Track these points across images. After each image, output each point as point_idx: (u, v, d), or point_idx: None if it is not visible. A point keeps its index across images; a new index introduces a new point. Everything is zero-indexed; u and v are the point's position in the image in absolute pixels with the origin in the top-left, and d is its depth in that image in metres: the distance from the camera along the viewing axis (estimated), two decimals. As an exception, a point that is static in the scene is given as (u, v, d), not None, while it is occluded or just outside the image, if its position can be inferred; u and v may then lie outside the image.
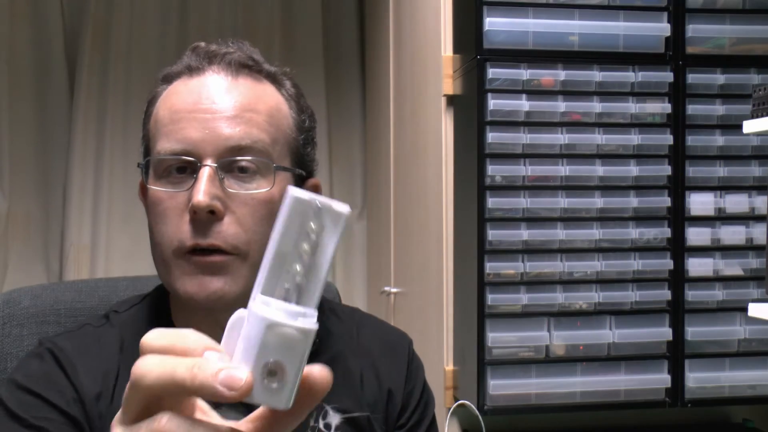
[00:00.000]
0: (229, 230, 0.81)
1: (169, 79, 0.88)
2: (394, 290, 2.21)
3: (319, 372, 0.46)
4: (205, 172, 0.80)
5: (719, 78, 1.57)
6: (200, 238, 0.80)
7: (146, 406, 0.44)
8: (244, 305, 0.45)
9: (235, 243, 0.81)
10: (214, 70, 0.85)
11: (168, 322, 0.88)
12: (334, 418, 0.89)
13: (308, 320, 0.44)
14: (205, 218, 0.80)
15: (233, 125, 0.82)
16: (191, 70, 0.86)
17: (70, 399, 0.80)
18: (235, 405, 0.48)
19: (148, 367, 0.43)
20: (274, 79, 0.89)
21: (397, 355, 0.99)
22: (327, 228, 0.45)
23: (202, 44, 0.88)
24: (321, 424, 0.88)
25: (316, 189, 0.94)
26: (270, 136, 0.84)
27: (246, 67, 0.87)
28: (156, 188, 0.83)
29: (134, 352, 0.85)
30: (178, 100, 0.84)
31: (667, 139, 1.55)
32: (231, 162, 0.81)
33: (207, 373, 0.42)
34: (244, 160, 0.82)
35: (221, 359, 0.43)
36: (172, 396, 0.44)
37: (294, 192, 0.44)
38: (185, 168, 0.82)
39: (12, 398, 0.80)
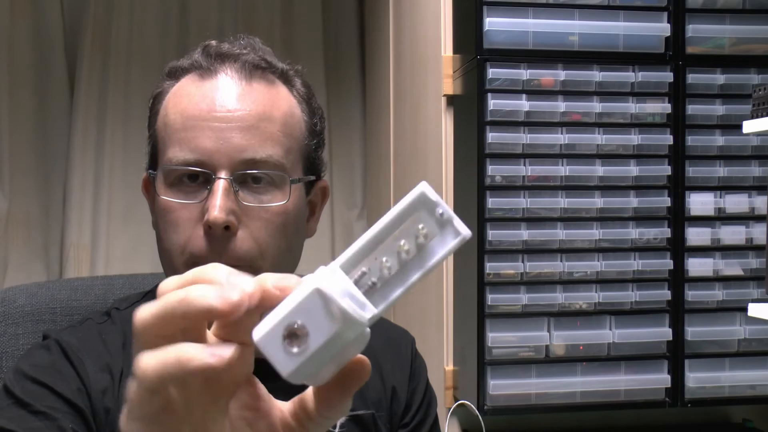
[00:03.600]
0: (243, 246, 0.80)
1: (176, 75, 0.86)
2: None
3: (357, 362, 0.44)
4: (221, 186, 0.78)
5: (719, 78, 1.57)
6: (215, 256, 0.79)
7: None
8: None
9: (249, 258, 0.80)
10: (227, 72, 0.83)
11: None
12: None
13: (361, 312, 0.41)
14: (219, 233, 0.79)
15: (248, 136, 0.80)
16: (201, 70, 0.84)
17: (75, 389, 0.80)
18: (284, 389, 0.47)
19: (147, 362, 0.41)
20: (286, 79, 0.87)
21: (400, 353, 0.99)
22: (438, 240, 0.42)
23: (213, 43, 0.86)
24: None
25: (324, 191, 0.94)
26: (284, 146, 0.83)
27: (259, 69, 0.84)
28: (168, 198, 0.81)
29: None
30: (190, 104, 0.82)
31: (667, 139, 1.55)
32: (245, 174, 0.80)
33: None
34: (259, 172, 0.81)
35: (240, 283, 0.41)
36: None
37: (424, 186, 0.42)
38: (197, 176, 0.81)
39: (18, 386, 0.80)
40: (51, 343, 0.85)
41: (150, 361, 0.41)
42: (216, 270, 0.42)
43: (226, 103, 0.81)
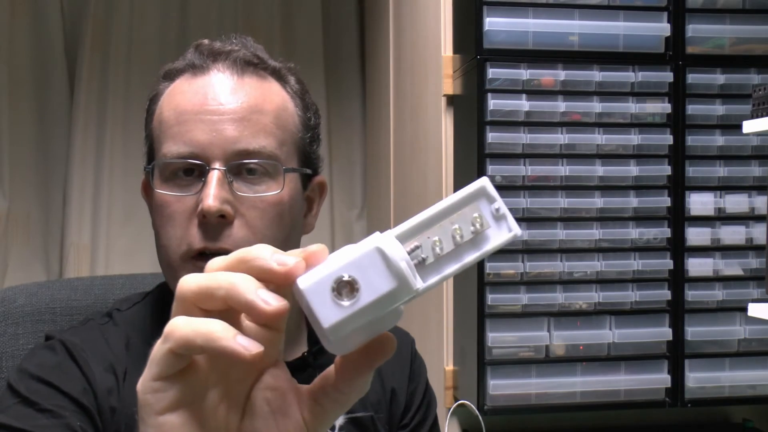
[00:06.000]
0: (238, 234, 0.80)
1: (171, 77, 0.87)
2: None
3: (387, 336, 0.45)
4: (214, 176, 0.79)
5: (719, 78, 1.57)
6: (210, 242, 0.79)
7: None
8: None
9: (245, 246, 0.80)
10: (219, 68, 0.84)
11: None
12: (338, 418, 0.89)
13: (415, 279, 0.42)
14: (214, 222, 0.79)
15: (241, 128, 0.81)
16: (195, 68, 0.85)
17: (81, 389, 0.80)
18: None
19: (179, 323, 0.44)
20: (279, 76, 0.88)
21: (400, 354, 0.98)
22: (489, 233, 0.44)
23: (206, 42, 0.87)
24: None
25: (322, 186, 0.94)
26: (277, 138, 0.83)
27: (251, 65, 0.85)
28: (163, 192, 0.82)
29: (140, 350, 0.85)
30: (183, 100, 0.83)
31: (667, 139, 1.55)
32: (239, 165, 0.81)
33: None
34: (253, 163, 0.81)
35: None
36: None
37: (485, 181, 0.45)
38: (192, 170, 0.81)
39: (23, 385, 0.80)
40: (55, 344, 0.84)
41: (180, 323, 0.43)
42: (259, 251, 0.45)
43: (218, 97, 0.82)
